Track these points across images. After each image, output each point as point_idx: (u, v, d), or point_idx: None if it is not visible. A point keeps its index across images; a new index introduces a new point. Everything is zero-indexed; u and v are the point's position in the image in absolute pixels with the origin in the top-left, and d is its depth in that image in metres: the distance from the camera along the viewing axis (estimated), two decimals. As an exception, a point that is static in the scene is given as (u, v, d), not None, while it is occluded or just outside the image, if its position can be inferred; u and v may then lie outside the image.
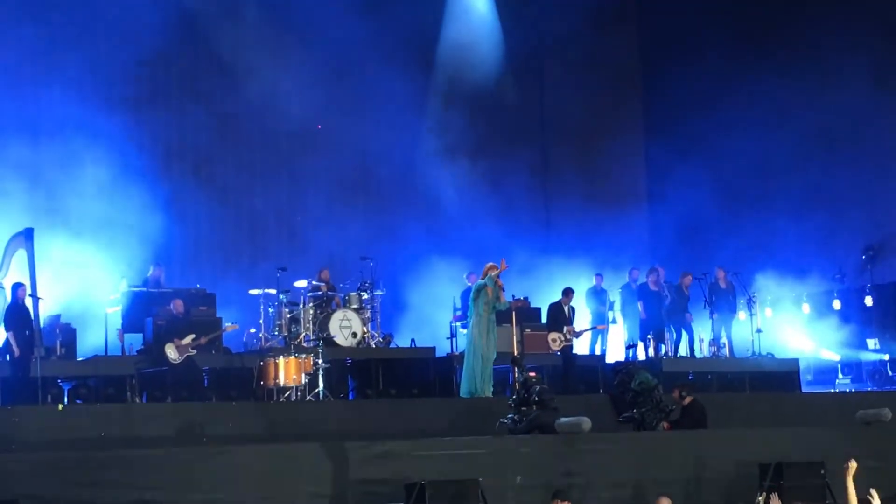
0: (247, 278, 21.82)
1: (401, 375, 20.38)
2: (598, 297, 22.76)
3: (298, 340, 19.90)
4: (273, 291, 20.89)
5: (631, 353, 21.52)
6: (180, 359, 18.22)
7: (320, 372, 18.66)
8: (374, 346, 20.89)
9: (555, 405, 15.36)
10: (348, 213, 24.48)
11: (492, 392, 17.67)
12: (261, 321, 20.91)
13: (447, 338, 21.50)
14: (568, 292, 21.03)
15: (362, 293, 21.07)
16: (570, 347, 20.57)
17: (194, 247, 22.93)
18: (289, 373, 18.76)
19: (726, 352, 22.84)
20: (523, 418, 15.23)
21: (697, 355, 22.47)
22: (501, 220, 25.62)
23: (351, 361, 20.03)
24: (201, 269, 22.31)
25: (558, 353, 20.19)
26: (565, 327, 20.49)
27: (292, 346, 19.54)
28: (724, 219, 25.50)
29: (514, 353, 18.66)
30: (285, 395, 18.58)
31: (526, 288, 22.61)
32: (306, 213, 24.24)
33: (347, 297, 20.84)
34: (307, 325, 20.27)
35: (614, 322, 22.99)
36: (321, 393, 18.53)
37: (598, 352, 22.17)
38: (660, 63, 28.97)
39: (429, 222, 24.63)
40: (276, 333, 20.47)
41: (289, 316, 20.47)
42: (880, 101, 24.37)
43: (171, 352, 18.20)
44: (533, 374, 16.34)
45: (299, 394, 18.55)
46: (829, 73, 24.61)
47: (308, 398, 18.40)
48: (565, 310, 20.80)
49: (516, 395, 15.72)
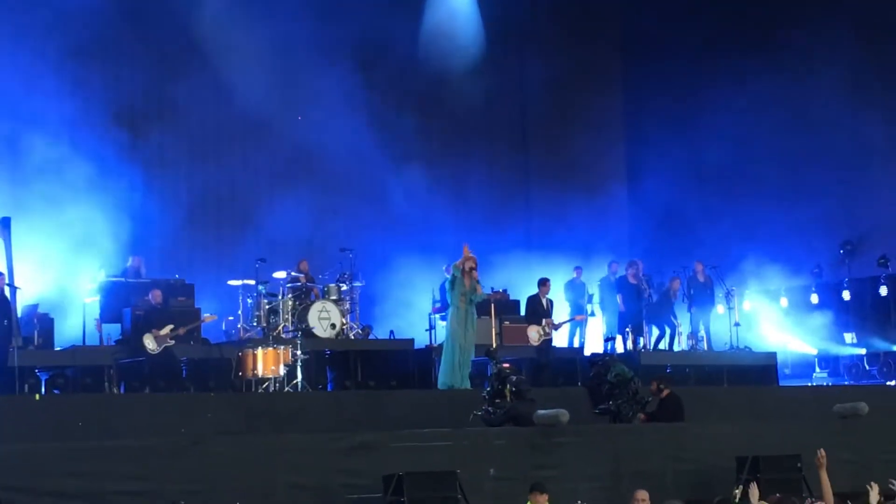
0: (226, 269, 21.71)
1: (379, 367, 20.46)
2: (576, 289, 22.81)
3: (277, 331, 19.92)
4: (252, 282, 20.87)
5: (609, 346, 21.40)
6: (158, 349, 18.18)
7: (299, 363, 18.69)
8: (352, 337, 20.92)
9: (531, 396, 15.41)
10: (328, 204, 24.44)
11: (470, 384, 17.62)
12: (239, 312, 20.92)
13: (426, 329, 21.50)
14: (544, 282, 21.11)
15: (341, 284, 21.09)
16: (549, 340, 20.64)
17: (175, 237, 22.81)
18: (267, 364, 18.75)
19: (704, 345, 22.91)
20: (497, 410, 15.24)
21: (675, 349, 22.52)
22: (481, 212, 25.58)
23: (330, 353, 20.08)
24: (180, 259, 22.20)
25: (537, 344, 20.20)
26: (544, 320, 20.54)
27: (271, 338, 19.52)
28: (703, 212, 25.54)
29: (492, 346, 18.76)
30: (264, 386, 18.52)
31: (505, 280, 22.62)
32: (284, 203, 24.15)
33: (326, 289, 20.84)
34: (286, 317, 20.30)
35: (593, 315, 23.05)
36: (300, 384, 18.56)
37: (576, 344, 22.20)
38: (639, 55, 29.08)
39: (409, 214, 24.56)
40: (254, 324, 20.47)
41: (267, 307, 20.46)
42: (857, 96, 24.50)
43: (150, 342, 18.15)
44: (506, 365, 16.39)
45: (278, 385, 18.53)
46: (807, 68, 24.72)
47: (287, 389, 18.43)
48: (543, 302, 20.88)
49: (491, 387, 15.69)
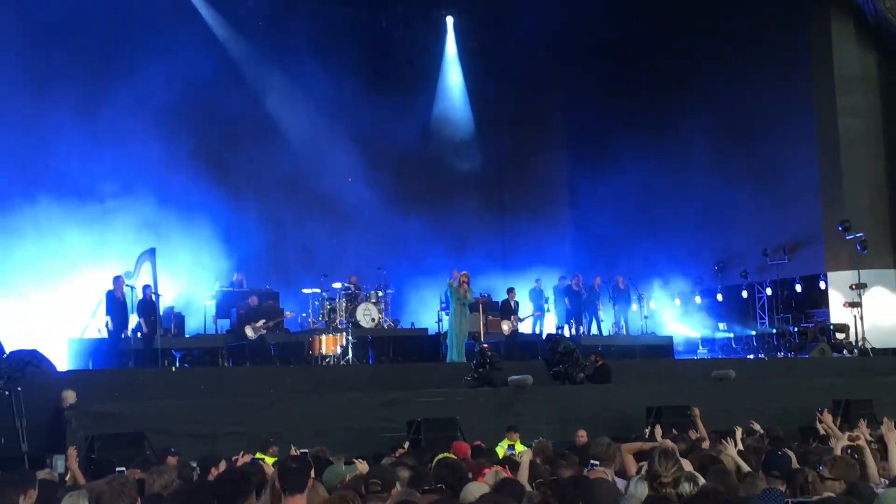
0: (300, 281, 21.78)
1: (404, 347, 20.59)
2: (537, 294, 22.79)
3: (335, 324, 19.92)
4: (318, 290, 20.91)
5: (559, 332, 21.53)
6: (255, 336, 18.33)
7: (350, 345, 18.84)
8: (386, 327, 20.91)
9: (500, 367, 15.53)
10: (364, 238, 24.38)
11: (465, 358, 17.73)
12: (310, 310, 20.95)
13: (436, 322, 21.45)
14: (510, 290, 21.15)
15: (378, 291, 21.10)
16: (516, 330, 20.73)
17: (266, 259, 22.85)
18: (328, 345, 18.88)
19: (624, 331, 22.95)
20: (477, 376, 15.44)
21: (604, 334, 22.57)
22: (470, 241, 25.55)
23: (371, 338, 20.14)
24: (270, 274, 22.26)
25: (507, 334, 20.29)
26: (512, 316, 20.63)
27: (331, 328, 19.68)
28: (623, 238, 25.35)
29: (479, 333, 18.94)
30: (326, 361, 18.64)
31: (487, 288, 22.63)
32: (341, 235, 24.22)
33: (369, 294, 20.85)
34: (341, 313, 20.22)
35: (548, 311, 23.06)
36: (350, 359, 18.67)
37: (538, 331, 22.19)
38: (578, 131, 28.77)
39: (419, 245, 24.47)
40: (320, 319, 20.45)
41: (329, 307, 20.41)
42: (724, 167, 24.45)
43: (249, 331, 18.31)
44: (486, 345, 16.56)
45: (335, 360, 18.62)
46: (688, 146, 24.59)
47: (341, 363, 18.52)
48: (511, 303, 20.97)
49: (475, 360, 15.91)
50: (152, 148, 21.66)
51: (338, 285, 20.88)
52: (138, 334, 17.52)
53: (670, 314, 24.91)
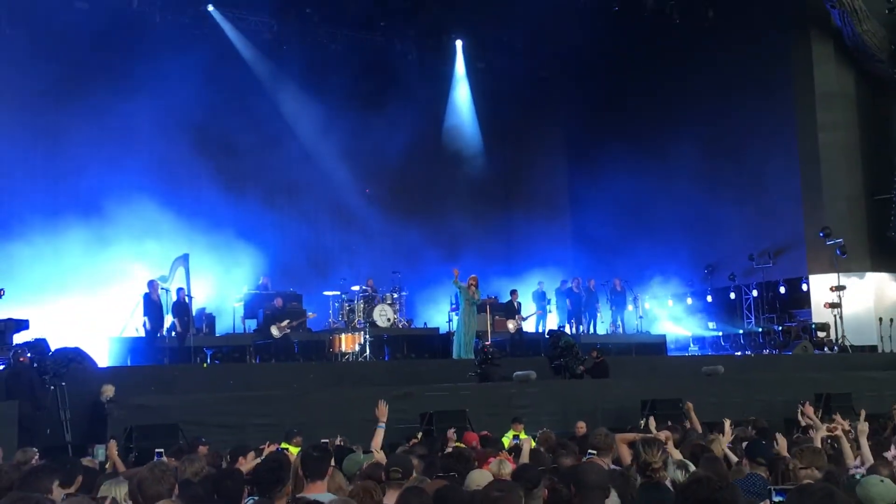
0: (321, 284, 21.81)
1: (417, 345, 20.57)
2: (539, 296, 22.81)
3: (353, 323, 19.93)
4: (338, 293, 20.93)
5: (560, 329, 21.46)
6: (280, 335, 18.23)
7: (367, 343, 18.90)
8: (400, 326, 20.83)
9: (498, 363, 15.66)
10: (378, 246, 24.37)
11: (473, 355, 17.71)
12: (330, 311, 20.94)
13: (447, 321, 21.48)
14: (513, 292, 21.20)
15: (393, 293, 21.05)
16: (521, 328, 20.73)
17: (290, 265, 22.85)
18: (348, 343, 18.99)
19: (621, 330, 22.91)
20: (478, 372, 15.50)
21: (601, 332, 22.53)
22: (480, 247, 25.47)
23: (386, 336, 20.06)
24: (293, 278, 22.28)
25: (512, 332, 20.34)
26: (516, 315, 20.68)
27: (350, 327, 19.74)
28: (620, 243, 25.21)
29: (487, 331, 18.92)
30: (345, 357, 18.72)
31: (494, 290, 22.61)
32: (359, 242, 24.28)
33: (384, 296, 20.79)
34: (359, 314, 20.19)
35: (550, 311, 23.02)
36: (368, 356, 18.73)
37: (540, 330, 22.19)
38: (577, 148, 28.86)
39: (431, 251, 24.43)
40: (340, 319, 20.45)
41: (348, 308, 20.41)
42: (712, 179, 24.57)
43: (275, 330, 18.23)
44: (487, 344, 16.57)
45: (354, 357, 18.72)
46: (676, 162, 24.49)
47: (359, 360, 18.58)
48: (514, 304, 20.97)
49: (477, 357, 15.99)
50: (184, 164, 21.91)
51: (356, 288, 20.84)
52: (172, 333, 17.58)
53: (663, 314, 24.90)
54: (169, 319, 17.64)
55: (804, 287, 22.98)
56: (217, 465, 7.89)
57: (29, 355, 12.18)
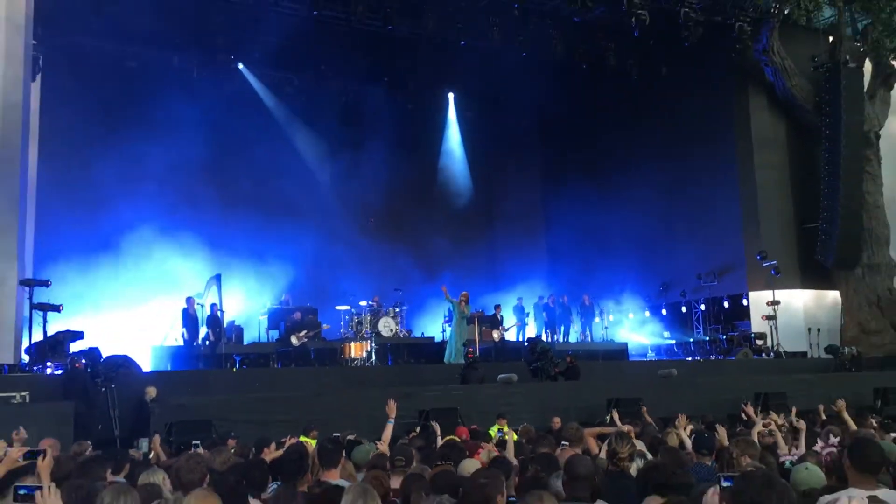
0: (334, 300, 21.75)
1: (416, 352, 20.36)
2: (519, 310, 22.83)
3: (361, 333, 19.86)
4: (348, 307, 20.86)
5: (538, 337, 21.44)
6: (299, 344, 18.21)
7: (373, 350, 18.85)
8: (402, 336, 20.73)
9: (476, 367, 15.62)
10: (381, 269, 24.18)
11: (463, 361, 17.68)
12: (342, 323, 20.86)
13: (441, 332, 21.47)
14: (497, 307, 21.17)
15: (396, 308, 20.99)
16: (503, 338, 20.69)
17: (307, 283, 22.74)
18: (356, 351, 18.91)
19: (589, 339, 22.94)
20: (461, 374, 15.53)
21: (573, 340, 22.56)
22: (470, 269, 25.40)
23: (390, 345, 19.89)
24: (310, 295, 22.18)
25: (497, 341, 20.30)
26: (500, 327, 20.68)
27: (358, 337, 19.66)
28: (589, 263, 25.32)
29: (476, 340, 18.88)
30: (354, 363, 18.65)
31: (481, 305, 22.56)
32: (365, 263, 24.24)
33: (388, 310, 20.73)
34: (366, 325, 20.13)
35: (527, 324, 23.01)
36: (374, 362, 18.67)
37: (521, 339, 22.21)
38: (551, 180, 28.98)
39: (428, 269, 24.48)
40: (350, 329, 20.39)
41: (356, 320, 20.34)
42: (667, 210, 24.69)
43: (294, 340, 18.20)
44: (470, 350, 16.55)
45: (362, 362, 18.65)
46: (635, 192, 24.63)
47: (367, 364, 18.51)
48: (498, 317, 20.96)
49: (463, 362, 16.00)
50: (215, 199, 22.12)
51: (364, 303, 20.82)
52: (206, 342, 17.50)
53: (625, 325, 24.89)
54: (203, 331, 17.60)
55: (744, 302, 23.02)
56: (245, 456, 7.85)
57: (83, 362, 12.14)
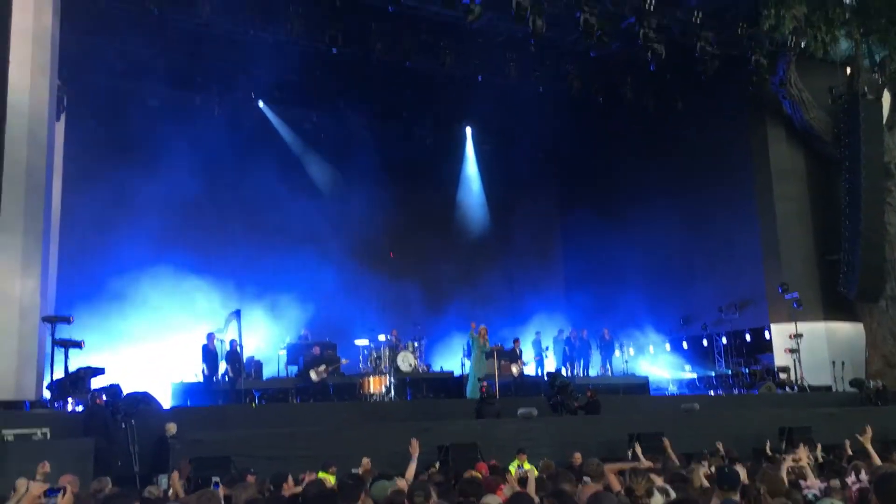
0: (353, 334, 21.73)
1: (435, 386, 20.20)
2: (537, 344, 22.69)
3: (380, 368, 19.76)
4: (367, 342, 20.80)
5: (558, 371, 21.28)
6: (318, 379, 18.15)
7: (392, 385, 18.77)
8: (420, 371, 20.56)
9: (491, 402, 15.58)
10: (408, 299, 24.21)
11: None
12: (360, 358, 20.74)
13: (460, 366, 21.35)
14: (516, 341, 20.96)
15: (414, 342, 20.84)
16: (522, 372, 20.51)
17: (326, 319, 22.72)
18: (375, 386, 18.84)
19: (609, 373, 22.72)
20: (476, 409, 15.47)
21: (593, 374, 22.34)
22: (488, 305, 25.33)
23: (409, 379, 19.76)
24: (329, 330, 22.17)
25: (516, 376, 20.14)
26: (519, 360, 20.55)
27: (377, 371, 19.55)
28: (607, 299, 25.27)
29: (495, 375, 18.75)
30: (373, 398, 18.57)
31: (500, 338, 22.37)
32: (384, 298, 24.29)
33: (407, 344, 20.57)
34: (385, 360, 19.99)
35: (546, 358, 22.83)
36: (392, 397, 18.58)
37: (540, 373, 22.02)
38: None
39: (449, 302, 24.50)
40: (368, 364, 20.26)
41: (375, 355, 20.19)
42: (687, 247, 24.66)
43: (313, 375, 18.15)
44: (484, 384, 16.45)
45: (381, 397, 18.56)
46: (657, 230, 24.65)
47: (385, 399, 18.42)
48: (517, 351, 20.83)
49: (479, 396, 15.92)
50: (235, 236, 22.55)
51: (382, 338, 20.76)
52: (226, 378, 17.49)
53: (646, 359, 24.70)
54: (223, 366, 17.62)
55: (767, 335, 22.78)
56: (262, 492, 7.81)
57: (104, 398, 12.18)
